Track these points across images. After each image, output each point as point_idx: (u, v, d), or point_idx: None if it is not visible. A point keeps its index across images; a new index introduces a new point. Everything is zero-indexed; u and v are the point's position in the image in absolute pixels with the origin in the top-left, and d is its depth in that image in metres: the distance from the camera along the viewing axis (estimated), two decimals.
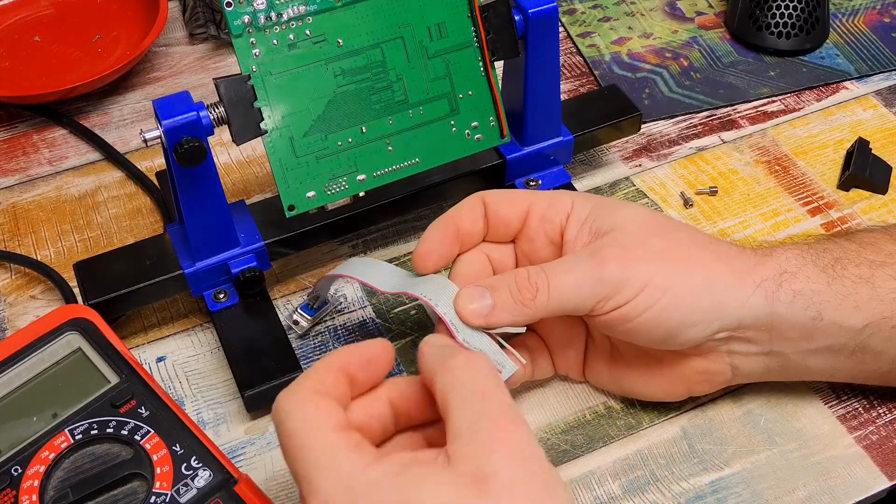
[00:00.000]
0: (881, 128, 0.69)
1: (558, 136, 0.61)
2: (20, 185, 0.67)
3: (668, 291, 0.45)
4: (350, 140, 0.53)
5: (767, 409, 0.52)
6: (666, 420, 0.52)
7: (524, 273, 0.46)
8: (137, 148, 0.69)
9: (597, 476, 0.50)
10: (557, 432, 0.52)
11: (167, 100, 0.49)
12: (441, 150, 0.55)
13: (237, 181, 0.66)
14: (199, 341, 0.57)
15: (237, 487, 0.43)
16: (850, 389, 0.53)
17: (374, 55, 0.52)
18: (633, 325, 0.45)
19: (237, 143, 0.50)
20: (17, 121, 0.72)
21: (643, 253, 0.46)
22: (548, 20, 0.55)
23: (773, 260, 0.47)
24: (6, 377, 0.47)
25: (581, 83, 0.74)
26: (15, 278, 0.61)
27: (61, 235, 0.63)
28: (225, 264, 0.54)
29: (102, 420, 0.45)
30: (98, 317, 0.49)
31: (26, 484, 0.43)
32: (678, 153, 0.68)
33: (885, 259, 0.47)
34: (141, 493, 0.43)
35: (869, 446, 0.51)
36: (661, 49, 0.76)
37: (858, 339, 0.47)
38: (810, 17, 0.74)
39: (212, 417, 0.53)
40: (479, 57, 0.55)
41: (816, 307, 0.46)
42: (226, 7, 0.49)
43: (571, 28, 0.79)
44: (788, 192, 0.65)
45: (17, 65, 0.74)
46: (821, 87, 0.73)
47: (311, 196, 0.52)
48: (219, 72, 0.75)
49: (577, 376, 0.53)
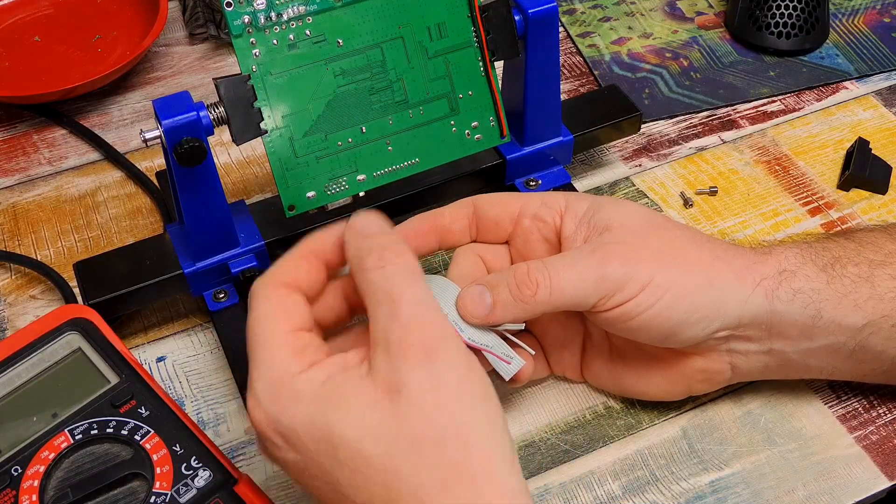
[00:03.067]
0: (881, 128, 0.69)
1: (558, 136, 0.61)
2: (20, 185, 0.67)
3: (670, 290, 0.45)
4: (350, 140, 0.53)
5: (767, 409, 0.52)
6: (666, 420, 0.52)
7: (524, 268, 0.45)
8: (137, 148, 0.69)
9: (597, 476, 0.50)
10: (557, 432, 0.52)
11: (167, 100, 0.49)
12: (441, 150, 0.55)
13: (237, 181, 0.66)
14: (199, 341, 0.57)
15: (237, 487, 0.43)
16: (850, 389, 0.53)
17: (374, 55, 0.52)
18: (633, 322, 0.45)
19: (237, 143, 0.50)
20: (17, 121, 0.72)
21: (644, 251, 0.46)
22: (548, 20, 0.55)
23: (772, 258, 0.47)
24: (6, 377, 0.47)
25: (581, 83, 0.74)
26: (15, 278, 0.61)
27: (61, 235, 0.63)
28: (225, 264, 0.54)
29: (102, 420, 0.45)
30: (98, 317, 0.49)
31: (26, 484, 0.43)
32: (678, 153, 0.68)
33: (884, 258, 0.47)
34: (141, 493, 0.43)
35: (869, 446, 0.51)
36: (661, 49, 0.76)
37: (858, 338, 0.47)
38: (810, 17, 0.74)
39: (212, 417, 0.53)
40: (479, 57, 0.55)
41: (816, 306, 0.46)
42: (226, 7, 0.49)
43: (571, 28, 0.79)
44: (788, 192, 0.65)
45: (17, 65, 0.74)
46: (821, 87, 0.73)
47: (311, 196, 0.52)
48: (219, 72, 0.75)
49: (575, 376, 0.53)
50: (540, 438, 0.51)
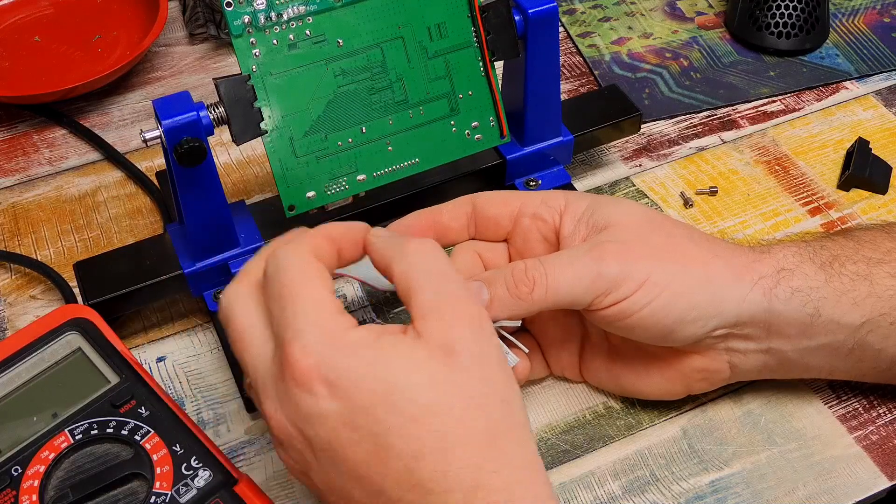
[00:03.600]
0: (881, 128, 0.69)
1: (558, 136, 0.61)
2: (20, 185, 0.67)
3: (667, 288, 0.45)
4: (350, 140, 0.53)
5: (767, 409, 0.52)
6: (666, 420, 0.52)
7: (521, 266, 0.46)
8: (137, 148, 0.69)
9: (597, 476, 0.50)
10: (557, 432, 0.52)
11: (167, 100, 0.49)
12: (441, 151, 0.55)
13: (237, 181, 0.66)
14: (199, 341, 0.57)
15: (237, 487, 0.43)
16: (850, 389, 0.53)
17: (374, 55, 0.52)
18: (631, 321, 0.45)
19: (237, 143, 0.50)
20: (17, 121, 0.72)
21: (642, 249, 0.46)
22: (548, 20, 0.55)
23: (770, 257, 0.47)
24: (6, 377, 0.47)
25: (581, 83, 0.74)
26: (15, 278, 0.61)
27: (61, 235, 0.63)
28: (225, 264, 0.54)
29: (102, 420, 0.45)
30: (98, 317, 0.49)
31: (26, 484, 0.43)
32: (678, 153, 0.68)
33: (882, 256, 0.47)
34: (141, 493, 0.43)
35: (869, 446, 0.51)
36: (661, 49, 0.76)
37: (856, 337, 0.47)
38: (810, 17, 0.74)
39: (212, 417, 0.53)
40: (479, 57, 0.55)
41: (814, 304, 0.46)
42: (226, 7, 0.49)
43: (571, 28, 0.79)
44: (788, 192, 0.65)
45: (17, 65, 0.74)
46: (821, 87, 0.73)
47: (311, 196, 0.52)
48: (219, 72, 0.75)
49: (574, 376, 0.53)
50: (540, 438, 0.51)
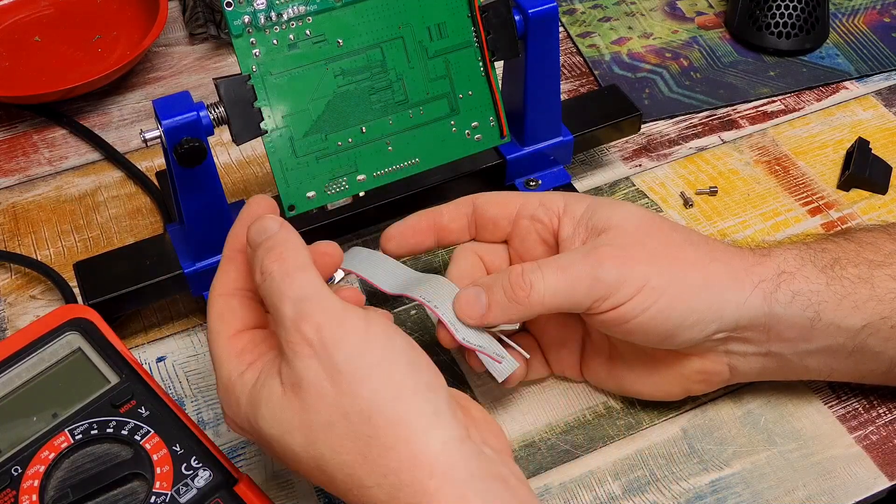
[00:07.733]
0: (881, 128, 0.69)
1: (558, 136, 0.61)
2: (20, 185, 0.67)
3: (666, 293, 0.45)
4: (350, 140, 0.53)
5: (767, 409, 0.52)
6: (666, 420, 0.52)
7: (518, 270, 0.46)
8: (137, 148, 0.69)
9: (597, 476, 0.50)
10: (557, 432, 0.52)
11: (167, 100, 0.49)
12: (441, 150, 0.55)
13: (237, 181, 0.66)
14: (199, 341, 0.57)
15: (237, 487, 0.43)
16: (850, 389, 0.53)
17: (374, 55, 0.52)
18: (630, 325, 0.45)
19: (237, 143, 0.50)
20: (17, 121, 0.72)
21: (640, 253, 0.46)
22: (548, 20, 0.55)
23: (771, 260, 0.47)
24: (6, 377, 0.47)
25: (581, 83, 0.74)
26: (15, 278, 0.61)
27: (61, 235, 0.63)
28: None
29: (102, 420, 0.45)
30: (98, 317, 0.49)
31: (26, 484, 0.43)
32: (678, 153, 0.68)
33: (883, 259, 0.47)
34: (141, 493, 0.43)
35: (869, 446, 0.51)
36: (661, 49, 0.76)
37: (857, 340, 0.47)
38: (810, 17, 0.74)
39: (212, 417, 0.53)
40: (479, 57, 0.55)
41: (815, 307, 0.46)
42: (226, 7, 0.49)
43: (571, 28, 0.79)
44: (788, 192, 0.65)
45: (17, 65, 0.74)
46: (821, 87, 0.73)
47: (312, 196, 0.52)
48: (219, 72, 0.75)
49: (575, 376, 0.53)
50: (540, 438, 0.51)
